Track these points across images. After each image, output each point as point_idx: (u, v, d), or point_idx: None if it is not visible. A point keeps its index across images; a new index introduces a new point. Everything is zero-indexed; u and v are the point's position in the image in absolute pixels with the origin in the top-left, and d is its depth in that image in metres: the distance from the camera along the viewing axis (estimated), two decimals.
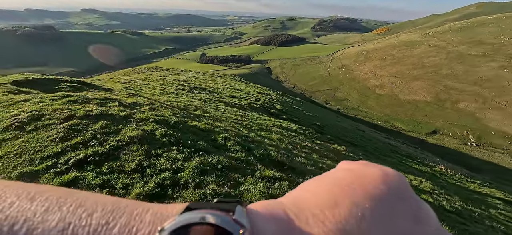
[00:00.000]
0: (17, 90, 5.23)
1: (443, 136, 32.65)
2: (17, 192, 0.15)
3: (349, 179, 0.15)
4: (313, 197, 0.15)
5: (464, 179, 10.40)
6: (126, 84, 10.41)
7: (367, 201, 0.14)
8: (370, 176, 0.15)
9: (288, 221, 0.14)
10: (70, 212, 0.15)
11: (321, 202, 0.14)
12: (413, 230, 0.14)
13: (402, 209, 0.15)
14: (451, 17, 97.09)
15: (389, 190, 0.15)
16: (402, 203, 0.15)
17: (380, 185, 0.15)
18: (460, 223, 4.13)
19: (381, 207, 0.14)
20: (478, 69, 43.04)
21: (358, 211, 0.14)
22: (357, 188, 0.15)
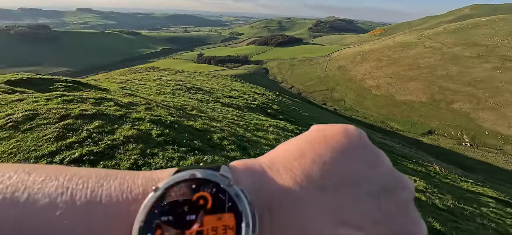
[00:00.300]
0: (11, 90, 5.19)
1: (438, 136, 33.06)
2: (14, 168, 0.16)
3: (316, 136, 0.18)
4: (284, 153, 0.18)
5: (458, 178, 10.56)
6: (122, 84, 10.37)
7: (329, 152, 0.17)
8: (334, 133, 0.18)
9: (262, 172, 0.17)
10: (66, 180, 0.16)
11: (290, 156, 0.17)
12: (368, 172, 0.17)
13: (359, 157, 0.17)
14: (446, 19, 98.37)
15: (348, 142, 0.18)
16: (359, 152, 0.17)
17: (341, 138, 0.18)
18: (452, 221, 4.21)
19: (341, 156, 0.17)
20: (472, 70, 43.71)
21: (320, 160, 0.17)
22: (321, 142, 0.18)
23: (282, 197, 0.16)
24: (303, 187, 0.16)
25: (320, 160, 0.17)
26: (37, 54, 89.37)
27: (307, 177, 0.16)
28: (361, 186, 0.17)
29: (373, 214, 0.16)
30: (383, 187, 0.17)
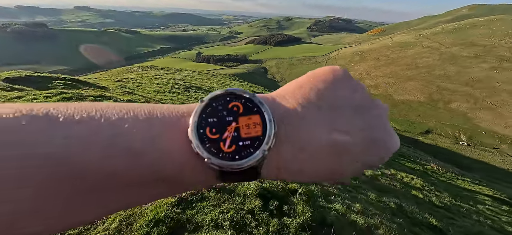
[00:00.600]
0: (9, 87, 5.18)
1: (436, 135, 33.29)
2: (75, 105, 0.20)
3: (310, 75, 0.25)
4: (287, 87, 0.25)
5: (455, 177, 10.67)
6: (121, 82, 10.36)
7: (321, 83, 0.24)
8: (324, 70, 0.25)
9: (273, 98, 0.23)
10: (125, 106, 0.20)
11: (293, 88, 0.24)
12: (351, 96, 0.24)
13: (344, 85, 0.24)
14: (444, 19, 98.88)
15: (334, 76, 0.25)
16: (344, 82, 0.24)
17: (329, 73, 0.25)
18: (448, 218, 4.27)
19: (330, 85, 0.24)
20: (470, 70, 44.03)
21: (316, 88, 0.23)
22: (315, 77, 0.24)
23: (290, 114, 0.22)
24: (304, 107, 0.22)
25: (315, 88, 0.23)
26: (34, 52, 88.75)
27: (307, 100, 0.23)
28: (346, 105, 0.23)
29: (357, 124, 0.23)
30: (362, 106, 0.24)
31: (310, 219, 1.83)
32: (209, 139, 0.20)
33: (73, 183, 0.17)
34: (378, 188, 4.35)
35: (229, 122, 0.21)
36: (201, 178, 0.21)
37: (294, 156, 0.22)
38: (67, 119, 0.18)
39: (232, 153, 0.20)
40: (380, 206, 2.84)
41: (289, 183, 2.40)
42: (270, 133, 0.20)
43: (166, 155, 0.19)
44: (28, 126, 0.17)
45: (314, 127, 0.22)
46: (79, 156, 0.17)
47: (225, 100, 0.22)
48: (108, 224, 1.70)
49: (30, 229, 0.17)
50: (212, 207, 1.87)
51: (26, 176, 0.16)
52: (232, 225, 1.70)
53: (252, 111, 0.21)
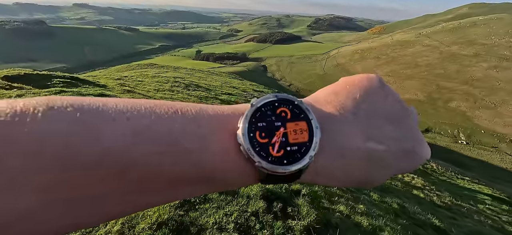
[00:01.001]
0: (8, 86, 5.13)
1: (435, 134, 33.34)
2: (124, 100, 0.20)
3: (346, 81, 0.26)
4: (323, 94, 0.25)
5: (454, 176, 10.69)
6: (121, 80, 10.29)
7: (357, 90, 0.24)
8: (360, 78, 0.26)
9: (311, 105, 0.24)
10: (172, 104, 0.21)
11: (329, 95, 0.25)
12: (386, 105, 0.24)
13: (379, 93, 0.25)
14: (444, 17, 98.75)
15: (370, 84, 0.25)
16: (379, 90, 0.25)
17: (365, 81, 0.25)
18: (450, 217, 4.26)
19: (366, 93, 0.24)
20: (470, 69, 44.04)
21: (352, 96, 0.24)
22: (351, 85, 0.25)
23: (328, 121, 0.23)
24: (341, 114, 0.23)
25: (351, 96, 0.24)
26: (33, 50, 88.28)
27: (343, 107, 0.23)
28: (382, 114, 0.24)
29: (391, 133, 0.23)
30: (397, 115, 0.25)
31: (315, 221, 1.81)
32: (259, 143, 0.21)
33: (126, 177, 0.18)
34: (380, 188, 4.34)
35: (277, 127, 0.21)
36: (244, 180, 0.22)
37: (330, 162, 0.22)
38: (118, 116, 0.18)
39: (280, 158, 0.21)
40: (383, 207, 2.83)
41: (293, 184, 2.38)
42: (317, 139, 0.21)
43: (214, 155, 0.20)
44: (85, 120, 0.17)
45: (351, 134, 0.23)
46: (130, 152, 0.18)
47: (274, 106, 0.23)
48: (110, 227, 1.68)
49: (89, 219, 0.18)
50: (216, 209, 1.84)
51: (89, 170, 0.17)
52: (236, 227, 1.68)
53: (299, 118, 0.22)
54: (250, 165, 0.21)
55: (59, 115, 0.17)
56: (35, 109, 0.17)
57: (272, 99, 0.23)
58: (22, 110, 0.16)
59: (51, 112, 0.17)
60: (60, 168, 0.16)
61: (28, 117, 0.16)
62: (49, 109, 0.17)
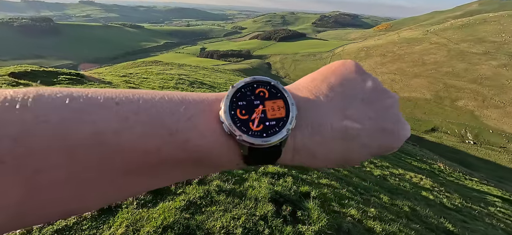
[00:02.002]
0: (15, 82, 5.15)
1: (442, 133, 32.80)
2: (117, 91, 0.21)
3: (323, 68, 0.28)
4: (303, 81, 0.28)
5: (462, 176, 10.46)
6: (126, 77, 10.31)
7: (333, 76, 0.27)
8: (335, 64, 0.28)
9: (289, 90, 0.26)
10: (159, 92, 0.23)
11: (307, 81, 0.27)
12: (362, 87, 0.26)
13: (355, 77, 0.27)
14: (453, 14, 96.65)
15: (346, 69, 0.27)
16: (355, 74, 0.27)
17: (341, 67, 0.28)
18: (461, 221, 4.14)
19: (341, 77, 0.27)
20: (478, 67, 43.06)
21: (327, 81, 0.26)
22: (328, 71, 0.28)
23: (304, 102, 0.25)
24: (317, 96, 0.25)
25: (327, 81, 0.26)
26: (39, 46, 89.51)
27: (319, 91, 0.26)
28: (357, 95, 0.26)
29: (366, 113, 0.26)
30: (372, 96, 0.26)
31: (326, 226, 1.73)
32: (239, 120, 0.23)
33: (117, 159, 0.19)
34: (389, 189, 4.23)
35: (256, 105, 0.24)
36: (230, 157, 0.23)
37: (308, 140, 0.24)
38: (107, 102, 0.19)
39: (260, 131, 0.23)
40: (394, 210, 2.73)
41: (301, 186, 2.30)
42: (293, 115, 0.23)
43: (199, 134, 0.21)
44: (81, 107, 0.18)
45: (326, 114, 0.25)
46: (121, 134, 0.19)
47: (253, 87, 0.25)
48: (114, 230, 1.63)
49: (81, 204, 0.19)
50: (223, 212, 1.78)
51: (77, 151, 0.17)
52: (244, 232, 1.61)
53: (277, 96, 0.25)
54: (233, 141, 0.22)
55: (48, 101, 0.17)
56: (25, 95, 0.17)
57: (251, 80, 0.25)
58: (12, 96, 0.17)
59: (40, 98, 0.17)
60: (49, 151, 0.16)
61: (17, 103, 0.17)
62: (39, 96, 0.17)
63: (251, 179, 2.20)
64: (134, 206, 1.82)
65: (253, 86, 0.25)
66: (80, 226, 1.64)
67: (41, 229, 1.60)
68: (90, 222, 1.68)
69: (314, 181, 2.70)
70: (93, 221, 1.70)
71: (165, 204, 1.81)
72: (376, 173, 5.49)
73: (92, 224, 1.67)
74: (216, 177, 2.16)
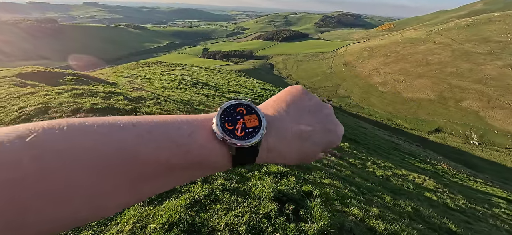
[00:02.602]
0: (22, 83, 5.25)
1: (446, 134, 32.49)
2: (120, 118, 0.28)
3: (283, 92, 0.38)
4: (269, 101, 0.37)
5: (467, 178, 10.36)
6: (129, 78, 10.41)
7: (288, 96, 0.37)
8: (289, 89, 0.38)
9: (260, 107, 0.36)
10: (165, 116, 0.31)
11: (272, 102, 0.37)
12: (308, 103, 0.37)
13: (303, 97, 0.37)
14: (457, 14, 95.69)
15: (297, 91, 0.38)
16: (303, 95, 0.37)
17: (293, 90, 0.38)
18: (464, 222, 4.12)
19: (294, 97, 0.37)
20: (483, 67, 42.57)
21: (285, 100, 0.37)
22: (284, 94, 0.38)
23: (272, 116, 0.35)
24: (279, 112, 0.35)
25: (285, 100, 0.36)
26: (45, 47, 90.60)
27: (280, 108, 0.36)
28: (306, 108, 0.36)
29: (314, 120, 0.36)
30: (316, 108, 0.37)
31: (329, 225, 1.75)
32: (228, 130, 0.32)
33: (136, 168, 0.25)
34: (391, 190, 4.23)
35: (238, 119, 0.33)
36: (222, 159, 0.31)
37: (276, 142, 0.34)
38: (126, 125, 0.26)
39: (243, 136, 0.32)
40: (397, 210, 2.74)
41: (304, 185, 2.33)
42: (264, 123, 0.33)
43: (199, 144, 0.29)
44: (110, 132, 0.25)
45: (287, 123, 0.35)
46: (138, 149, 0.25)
47: (234, 106, 0.35)
48: (121, 226, 1.67)
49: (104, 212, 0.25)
50: (227, 210, 1.81)
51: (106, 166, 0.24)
52: (248, 229, 1.64)
53: (251, 112, 0.34)
54: (224, 146, 0.31)
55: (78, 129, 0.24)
56: (60, 125, 0.24)
57: (233, 103, 0.35)
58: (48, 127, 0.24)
59: (71, 128, 0.24)
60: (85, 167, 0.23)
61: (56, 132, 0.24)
62: (70, 126, 0.24)
63: (254, 178, 2.23)
64: (140, 203, 1.86)
65: (234, 106, 0.35)
66: (88, 223, 1.69)
67: None
68: None
69: (317, 180, 2.72)
70: None
71: (171, 202, 1.85)
72: (379, 173, 5.48)
73: (100, 221, 1.72)
74: (220, 176, 2.19)
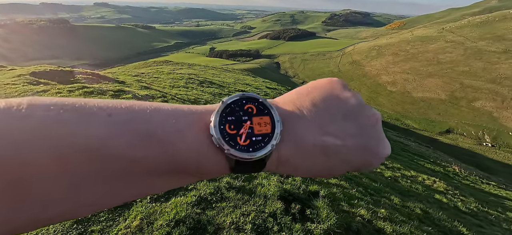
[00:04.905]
0: (36, 81, 5.41)
1: (457, 135, 31.60)
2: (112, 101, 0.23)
3: (310, 85, 0.29)
4: (289, 95, 0.29)
5: (479, 180, 10.07)
6: (138, 77, 10.59)
7: (317, 92, 0.28)
8: (321, 81, 0.29)
9: (276, 104, 0.27)
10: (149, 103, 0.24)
11: (293, 97, 0.28)
12: (344, 104, 0.27)
13: (338, 94, 0.28)
14: (470, 11, 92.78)
15: (330, 86, 0.29)
16: (338, 92, 0.28)
17: (326, 84, 0.29)
18: (476, 225, 4.00)
19: (325, 94, 0.27)
20: (498, 66, 41.15)
21: (311, 96, 0.27)
22: (313, 87, 0.29)
23: (288, 117, 0.26)
24: (301, 111, 0.26)
25: (311, 97, 0.27)
26: (57, 47, 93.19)
27: (303, 106, 0.27)
28: (339, 112, 0.27)
29: (348, 130, 0.26)
30: (355, 113, 0.27)
31: (335, 225, 1.73)
32: (228, 134, 0.24)
33: (105, 165, 0.20)
34: (400, 191, 4.15)
35: (245, 120, 0.25)
36: (217, 168, 0.24)
37: (290, 153, 0.25)
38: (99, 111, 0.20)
39: (247, 146, 0.24)
40: (405, 212, 2.68)
41: (310, 185, 2.31)
42: (278, 131, 0.25)
43: (188, 145, 0.22)
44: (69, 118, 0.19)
45: (308, 130, 0.26)
46: (108, 142, 0.20)
47: (242, 103, 0.26)
48: (129, 222, 1.70)
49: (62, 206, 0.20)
50: (233, 208, 1.82)
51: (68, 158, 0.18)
52: (253, 228, 1.64)
53: (264, 113, 0.26)
54: (221, 153, 0.23)
55: (41, 111, 0.19)
56: (20, 105, 0.19)
57: (240, 97, 0.27)
58: (6, 106, 0.18)
59: (32, 108, 0.19)
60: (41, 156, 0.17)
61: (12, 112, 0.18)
62: (31, 106, 0.19)
63: (260, 177, 2.23)
64: (147, 200, 1.89)
65: (242, 102, 0.26)
66: (97, 218, 1.73)
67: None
68: (107, 214, 1.76)
69: (323, 180, 2.70)
70: (110, 213, 1.78)
71: (177, 199, 1.87)
72: (387, 174, 5.38)
73: (109, 216, 1.76)
74: (225, 174, 2.20)
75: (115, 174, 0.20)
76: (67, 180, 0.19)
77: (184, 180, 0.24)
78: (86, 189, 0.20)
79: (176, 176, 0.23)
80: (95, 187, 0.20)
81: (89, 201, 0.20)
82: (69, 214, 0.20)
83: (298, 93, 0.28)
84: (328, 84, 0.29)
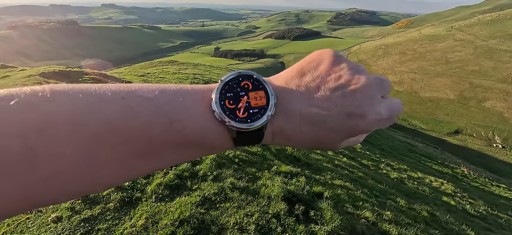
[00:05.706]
0: (45, 82, 5.54)
1: (466, 136, 30.90)
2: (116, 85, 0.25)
3: (303, 59, 0.31)
4: (282, 73, 0.31)
5: (489, 182, 9.83)
6: (144, 77, 10.72)
7: (306, 64, 0.30)
8: (313, 54, 0.31)
9: (269, 80, 0.30)
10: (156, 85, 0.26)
11: (285, 73, 0.31)
12: (333, 73, 0.29)
13: (327, 64, 0.29)
14: (480, 9, 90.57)
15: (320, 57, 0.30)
16: (327, 62, 0.29)
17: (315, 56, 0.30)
18: (485, 229, 3.91)
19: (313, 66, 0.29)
20: (509, 65, 40.05)
21: (300, 69, 0.30)
22: (303, 60, 0.30)
23: (281, 92, 0.29)
24: (290, 86, 0.29)
25: (301, 71, 0.30)
26: (66, 48, 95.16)
27: (292, 81, 0.29)
28: (326, 82, 0.28)
29: (334, 99, 0.28)
30: (344, 81, 0.28)
31: (340, 227, 1.72)
32: (228, 108, 0.27)
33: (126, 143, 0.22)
34: (406, 193, 4.09)
35: (242, 95, 0.28)
36: (221, 140, 0.27)
37: (283, 125, 0.28)
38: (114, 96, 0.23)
39: (245, 118, 0.27)
40: (411, 214, 2.64)
41: (314, 186, 2.30)
42: (272, 103, 0.27)
43: (196, 121, 0.25)
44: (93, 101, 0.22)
45: (296, 102, 0.28)
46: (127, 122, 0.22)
47: (238, 80, 0.29)
48: (135, 221, 1.72)
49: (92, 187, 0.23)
50: (236, 208, 1.82)
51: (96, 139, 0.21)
52: (257, 229, 1.64)
53: (258, 88, 0.29)
54: (223, 126, 0.27)
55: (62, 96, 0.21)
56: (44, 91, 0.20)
57: (236, 75, 0.29)
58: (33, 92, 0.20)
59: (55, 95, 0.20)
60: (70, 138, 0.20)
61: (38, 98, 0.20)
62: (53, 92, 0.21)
63: (264, 178, 2.23)
64: (152, 199, 1.91)
65: (239, 80, 0.29)
66: (104, 216, 1.76)
67: (70, 218, 1.73)
68: (113, 213, 1.80)
69: (328, 181, 2.68)
70: (116, 212, 1.81)
71: (182, 199, 1.89)
72: (393, 175, 5.31)
73: (115, 215, 1.79)
74: (229, 175, 2.21)
75: (136, 151, 0.23)
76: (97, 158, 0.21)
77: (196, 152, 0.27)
78: (110, 165, 0.22)
79: (188, 149, 0.26)
80: (121, 163, 0.23)
81: (115, 175, 0.23)
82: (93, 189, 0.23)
83: (290, 69, 0.30)
84: (318, 56, 0.30)
